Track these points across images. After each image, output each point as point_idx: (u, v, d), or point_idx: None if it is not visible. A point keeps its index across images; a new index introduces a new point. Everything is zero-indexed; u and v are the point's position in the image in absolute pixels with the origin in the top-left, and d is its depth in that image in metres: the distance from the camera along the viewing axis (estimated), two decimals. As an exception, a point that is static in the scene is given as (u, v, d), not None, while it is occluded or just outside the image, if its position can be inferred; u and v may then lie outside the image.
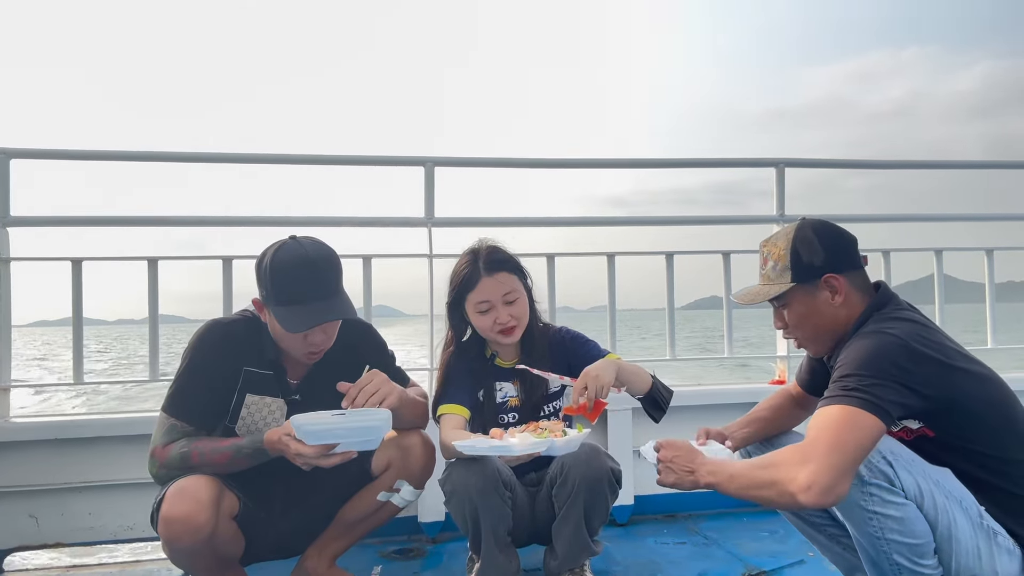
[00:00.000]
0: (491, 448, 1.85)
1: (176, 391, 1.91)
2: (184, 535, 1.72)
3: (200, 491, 1.74)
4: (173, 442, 1.85)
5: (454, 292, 2.17)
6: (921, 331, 1.50)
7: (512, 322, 2.12)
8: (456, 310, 2.19)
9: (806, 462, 1.36)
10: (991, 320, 3.37)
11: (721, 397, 3.09)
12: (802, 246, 1.65)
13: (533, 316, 2.21)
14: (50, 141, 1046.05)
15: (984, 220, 3.56)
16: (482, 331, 2.16)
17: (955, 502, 1.43)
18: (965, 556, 1.41)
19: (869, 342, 1.48)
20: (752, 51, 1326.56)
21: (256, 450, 1.81)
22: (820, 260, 1.63)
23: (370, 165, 3.08)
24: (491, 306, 2.11)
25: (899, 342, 1.46)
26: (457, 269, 2.17)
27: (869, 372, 1.42)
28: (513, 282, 2.13)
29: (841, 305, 1.63)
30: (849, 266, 1.64)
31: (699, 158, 3.53)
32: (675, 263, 3.22)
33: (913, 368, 1.44)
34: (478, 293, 2.11)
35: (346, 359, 1.99)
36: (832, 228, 1.68)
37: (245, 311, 2.03)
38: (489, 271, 2.11)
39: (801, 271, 1.64)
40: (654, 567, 2.41)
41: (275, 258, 1.84)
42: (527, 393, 2.19)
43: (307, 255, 1.83)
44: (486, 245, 2.19)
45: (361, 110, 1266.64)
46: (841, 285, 1.63)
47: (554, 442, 1.85)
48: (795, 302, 1.68)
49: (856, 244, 1.69)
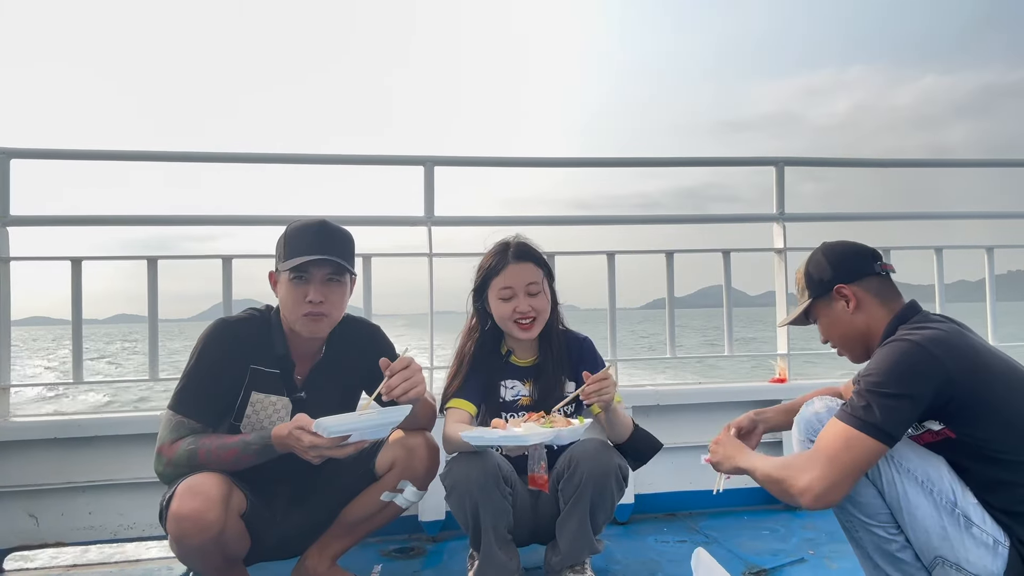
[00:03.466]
0: (498, 438, 1.85)
1: (183, 388, 1.91)
2: (194, 533, 1.72)
3: (211, 488, 1.74)
4: (180, 439, 1.85)
5: (481, 278, 2.19)
6: (942, 336, 1.57)
7: (532, 313, 2.12)
8: (480, 297, 2.21)
9: (807, 471, 1.54)
10: (991, 318, 3.37)
11: (721, 396, 3.10)
12: (812, 266, 1.84)
13: (554, 317, 2.22)
14: (49, 141, 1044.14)
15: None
16: (500, 319, 2.16)
17: (911, 479, 1.56)
18: (924, 534, 1.54)
19: (887, 350, 1.58)
20: (705, 66, 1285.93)
21: (264, 446, 1.81)
22: (828, 275, 1.79)
23: (370, 164, 3.09)
24: (513, 293, 2.12)
25: (914, 347, 1.54)
26: (486, 256, 2.21)
27: (882, 383, 1.52)
28: (538, 275, 2.16)
29: (857, 311, 1.76)
30: (859, 275, 1.77)
31: (697, 157, 3.53)
32: (675, 261, 3.22)
33: (928, 370, 1.52)
34: (503, 278, 2.13)
35: (353, 360, 2.00)
36: (840, 245, 1.84)
37: (252, 310, 2.04)
38: (517, 259, 2.15)
39: (814, 287, 1.82)
40: (654, 566, 2.41)
41: (292, 224, 1.97)
42: (541, 393, 2.18)
43: (321, 220, 1.96)
44: (517, 239, 2.22)
45: (308, 112, 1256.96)
46: (852, 293, 1.76)
47: (560, 431, 1.85)
48: (820, 316, 1.84)
49: (870, 256, 1.82)
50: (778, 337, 3.28)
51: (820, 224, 3.45)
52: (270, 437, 1.79)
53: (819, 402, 1.76)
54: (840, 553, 2.38)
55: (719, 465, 1.86)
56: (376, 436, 1.84)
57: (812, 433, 1.71)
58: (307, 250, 1.89)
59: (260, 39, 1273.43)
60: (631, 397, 2.95)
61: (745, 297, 34.82)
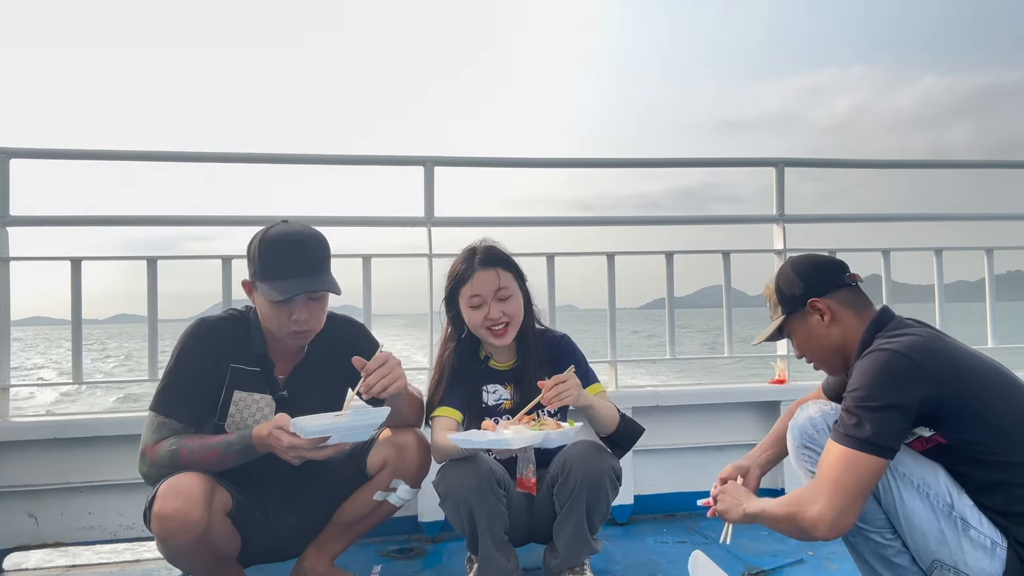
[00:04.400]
0: (487, 441, 1.85)
1: (164, 389, 1.91)
2: (178, 532, 1.72)
3: (192, 487, 1.74)
4: (163, 440, 1.85)
5: (450, 286, 2.17)
6: (921, 342, 1.57)
7: (504, 319, 2.11)
8: (452, 306, 2.20)
9: (814, 502, 1.51)
10: (991, 318, 3.37)
11: (721, 397, 3.10)
12: (783, 281, 1.83)
13: (529, 318, 2.21)
14: (48, 140, 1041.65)
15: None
16: (473, 327, 2.15)
17: (907, 483, 1.56)
18: (922, 537, 1.54)
19: (867, 362, 1.58)
20: (706, 66, 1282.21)
21: (245, 446, 1.80)
22: (800, 289, 1.78)
23: (370, 165, 3.08)
24: (483, 301, 2.10)
25: (894, 355, 1.54)
26: (454, 264, 2.19)
27: (868, 396, 1.52)
28: (507, 279, 2.13)
29: (832, 324, 1.75)
30: (830, 288, 1.76)
31: (697, 158, 3.53)
32: (674, 262, 3.22)
33: (912, 377, 1.51)
34: (471, 287, 2.11)
35: (335, 358, 1.99)
36: (809, 259, 1.85)
37: (232, 310, 2.04)
38: (484, 265, 2.12)
39: (787, 303, 1.81)
40: (654, 566, 2.41)
41: (265, 236, 1.89)
42: (523, 396, 2.17)
43: (295, 232, 1.89)
44: (484, 244, 2.20)
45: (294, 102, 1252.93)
46: (826, 306, 1.75)
47: (549, 434, 1.85)
48: (795, 331, 1.82)
49: (839, 268, 1.82)
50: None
51: (820, 225, 3.46)
52: (251, 437, 1.79)
53: (813, 406, 1.76)
54: (839, 554, 2.38)
55: (726, 515, 1.82)
56: (357, 439, 1.82)
57: (808, 440, 1.70)
58: (286, 272, 1.84)
59: (260, 39, 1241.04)
60: (631, 398, 2.95)
61: (744, 297, 34.92)
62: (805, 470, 1.73)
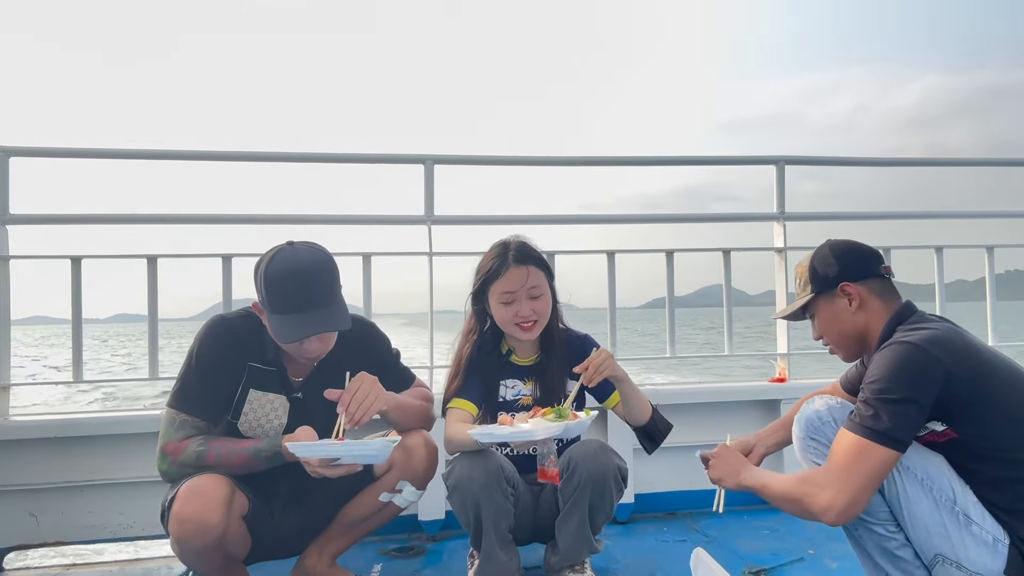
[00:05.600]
0: (507, 434, 1.85)
1: (182, 386, 1.91)
2: (196, 535, 1.72)
3: (214, 490, 1.74)
4: (188, 439, 1.85)
5: (480, 281, 2.16)
6: (940, 336, 1.58)
7: (533, 316, 2.11)
8: (479, 300, 2.19)
9: (825, 488, 1.53)
10: (991, 318, 3.37)
11: (721, 396, 3.10)
12: (818, 261, 1.83)
13: (555, 317, 2.21)
14: (48, 140, 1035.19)
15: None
16: (502, 323, 2.15)
17: (911, 477, 1.57)
18: (924, 531, 1.55)
19: (887, 354, 1.58)
20: (706, 67, 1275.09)
21: (274, 454, 1.81)
22: (835, 271, 1.78)
23: (370, 163, 3.09)
24: (514, 298, 2.10)
25: (914, 349, 1.55)
26: (485, 259, 2.18)
27: (887, 389, 1.52)
28: (539, 278, 2.13)
29: (859, 311, 1.76)
30: (864, 275, 1.77)
31: (697, 156, 3.53)
32: (675, 261, 3.22)
33: (931, 372, 1.52)
34: (503, 283, 2.10)
35: (350, 357, 1.98)
36: (847, 244, 1.84)
37: (248, 308, 2.03)
38: (517, 262, 2.11)
39: (819, 282, 1.81)
40: (654, 565, 2.41)
41: (269, 268, 1.82)
42: (545, 392, 2.17)
43: (300, 264, 1.81)
44: (517, 240, 2.19)
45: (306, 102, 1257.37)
46: (857, 292, 1.76)
47: (568, 424, 1.85)
48: (819, 311, 1.83)
49: (875, 257, 1.82)
50: (778, 337, 3.28)
51: (820, 223, 3.46)
52: (280, 446, 1.79)
53: (819, 400, 1.76)
54: (840, 552, 2.38)
55: (721, 481, 1.85)
56: (366, 462, 1.80)
57: (814, 431, 1.71)
58: (295, 307, 1.79)
59: (259, 39, 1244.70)
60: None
61: (745, 296, 35.32)
62: (810, 461, 1.74)
